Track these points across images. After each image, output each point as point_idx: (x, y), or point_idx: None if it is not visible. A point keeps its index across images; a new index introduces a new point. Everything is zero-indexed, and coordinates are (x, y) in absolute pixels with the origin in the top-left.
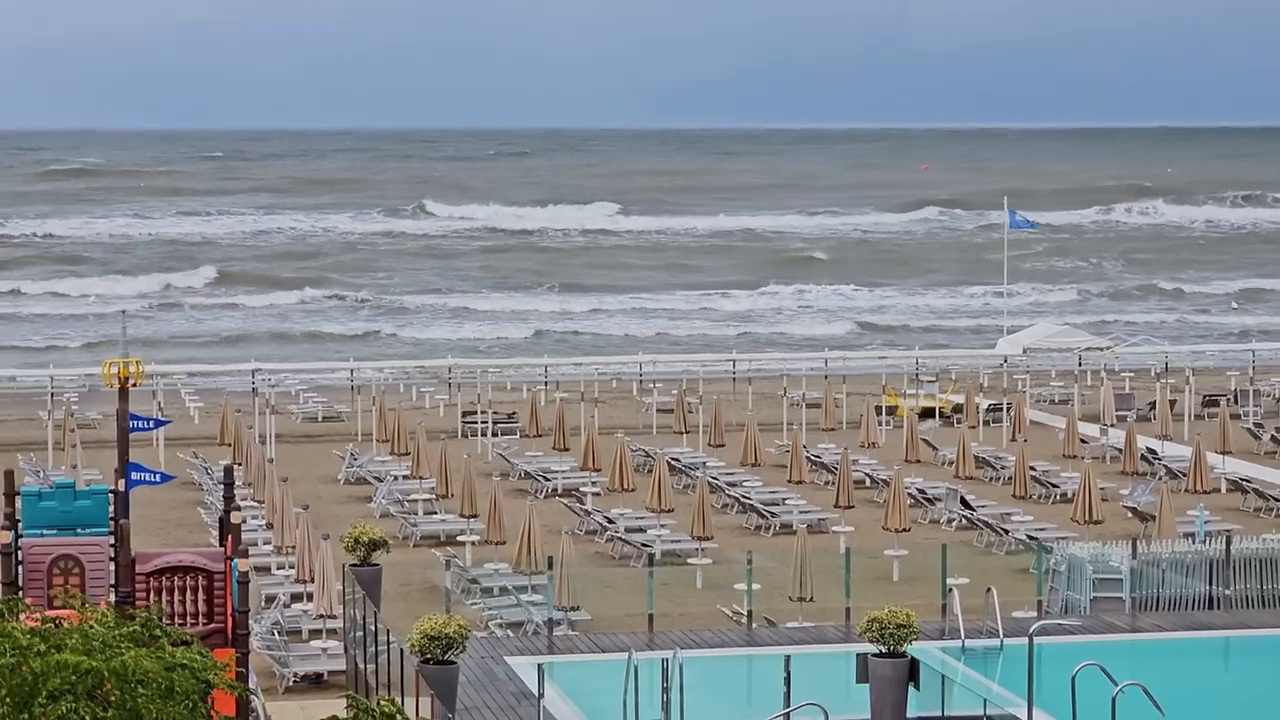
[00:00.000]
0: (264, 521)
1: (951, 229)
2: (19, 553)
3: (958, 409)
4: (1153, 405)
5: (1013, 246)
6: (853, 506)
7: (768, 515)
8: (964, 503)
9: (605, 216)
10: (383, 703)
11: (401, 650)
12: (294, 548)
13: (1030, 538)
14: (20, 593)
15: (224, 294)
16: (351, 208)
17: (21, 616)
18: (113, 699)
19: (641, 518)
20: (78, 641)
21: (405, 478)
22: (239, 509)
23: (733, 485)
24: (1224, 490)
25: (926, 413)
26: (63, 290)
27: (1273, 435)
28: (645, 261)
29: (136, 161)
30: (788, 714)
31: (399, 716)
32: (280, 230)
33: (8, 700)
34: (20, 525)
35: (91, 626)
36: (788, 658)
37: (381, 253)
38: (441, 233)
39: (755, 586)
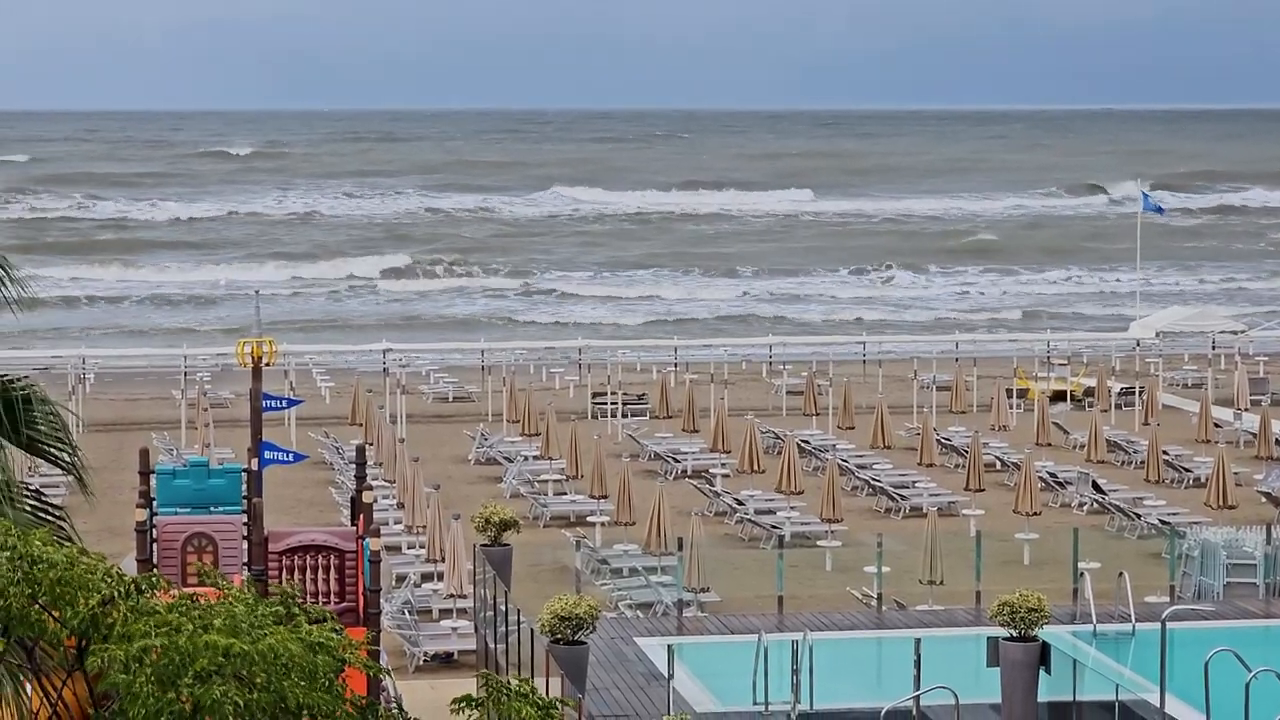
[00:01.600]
0: (395, 501)
1: (1111, 212)
2: (153, 530)
3: (1089, 392)
4: None
5: (1150, 229)
6: (983, 490)
7: (898, 498)
8: (1096, 487)
9: (792, 201)
10: (517, 682)
11: (532, 630)
12: (425, 527)
13: (1163, 522)
14: (154, 570)
15: (406, 278)
16: (506, 190)
17: (158, 593)
18: (258, 681)
19: (771, 500)
20: (224, 622)
21: (535, 458)
22: (371, 488)
23: (862, 468)
24: None
25: (1058, 396)
26: (262, 276)
27: None
28: (836, 245)
29: (285, 142)
30: (918, 697)
31: (533, 695)
32: (447, 211)
33: (153, 679)
34: (155, 503)
35: (235, 607)
36: (918, 641)
37: (549, 235)
38: (616, 214)
39: (885, 569)
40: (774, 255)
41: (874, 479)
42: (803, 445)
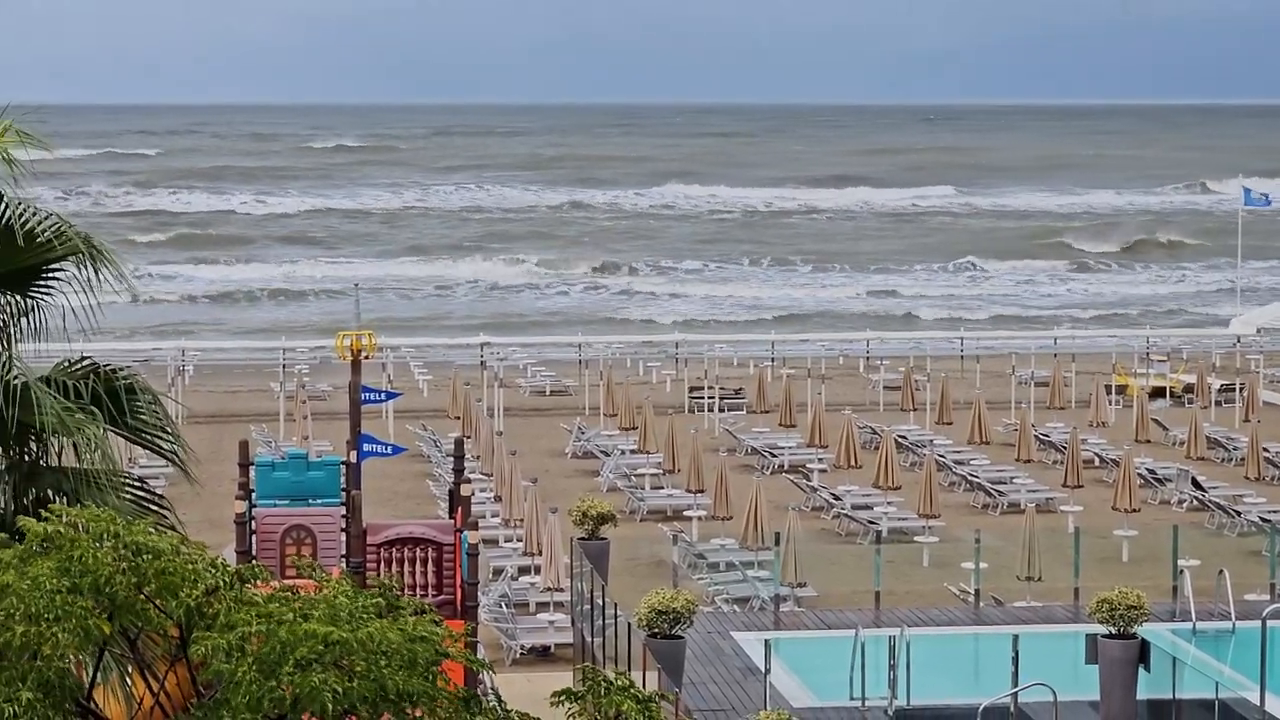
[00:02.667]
0: (493, 494)
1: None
2: (252, 522)
3: (1189, 389)
4: None
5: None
6: (1081, 486)
7: (995, 494)
8: (1195, 484)
9: (940, 197)
10: (616, 675)
11: (629, 624)
12: (522, 521)
13: (1263, 520)
14: (254, 561)
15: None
16: (619, 184)
17: (258, 584)
18: (358, 669)
19: (868, 495)
20: (324, 611)
21: (633, 452)
22: (469, 481)
23: (960, 463)
24: None
25: (1157, 392)
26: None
27: None
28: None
29: (395, 136)
30: (1015, 694)
31: (633, 689)
32: (560, 205)
33: (254, 667)
34: (254, 495)
35: (337, 597)
36: (1016, 637)
37: (664, 230)
38: (737, 209)
39: (983, 565)
40: (912, 251)
41: (971, 475)
42: (900, 440)
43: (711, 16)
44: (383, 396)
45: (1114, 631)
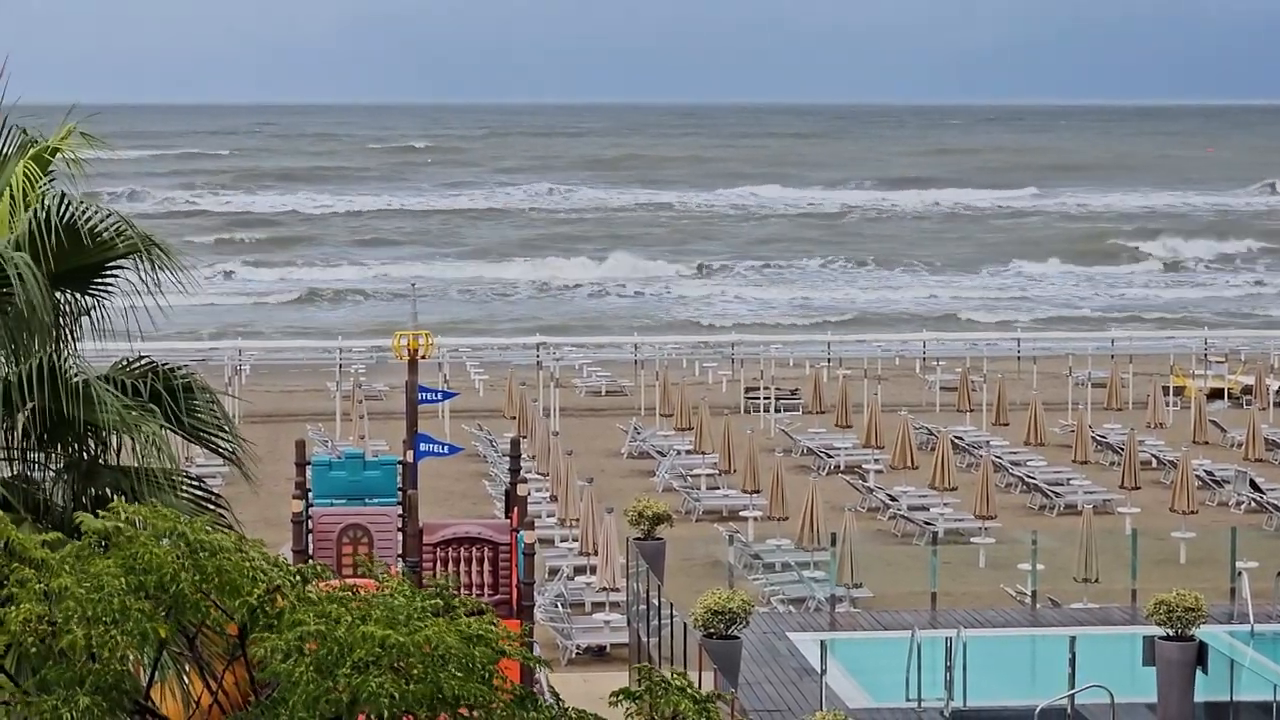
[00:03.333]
0: (548, 494)
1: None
2: (309, 521)
3: (1247, 390)
4: None
5: None
6: (1139, 488)
7: (1052, 495)
8: (1254, 485)
9: (1022, 199)
10: (673, 675)
11: (685, 624)
12: (578, 520)
13: None
14: (310, 561)
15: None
16: (688, 184)
17: (317, 584)
18: (415, 672)
19: (924, 496)
20: (382, 614)
21: (688, 453)
22: (525, 481)
23: (1016, 464)
24: None
25: (1215, 394)
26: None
27: None
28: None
29: (460, 136)
30: (1072, 695)
31: (690, 689)
32: (628, 206)
33: (312, 668)
34: (311, 495)
35: (394, 599)
36: (1073, 639)
37: (736, 230)
38: (805, 209)
39: (1039, 566)
40: (984, 252)
41: (1028, 476)
42: (956, 441)
43: (754, 17)
44: (439, 396)
45: (1171, 633)
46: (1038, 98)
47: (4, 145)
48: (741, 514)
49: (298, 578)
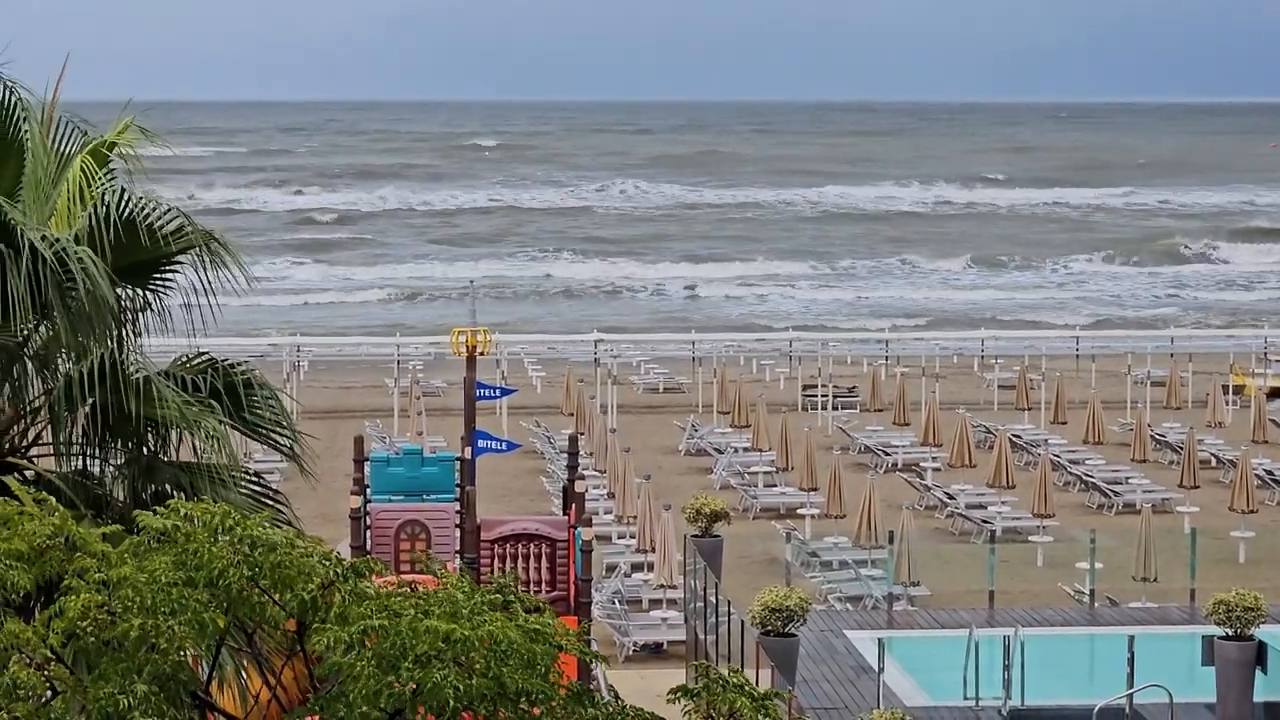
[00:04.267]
0: (606, 491)
1: None
2: (367, 517)
3: None
4: None
5: None
6: (1198, 487)
7: (1110, 494)
8: None
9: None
10: (731, 673)
11: (742, 622)
12: (635, 518)
13: None
14: (367, 556)
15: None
16: (771, 184)
17: (375, 579)
18: (477, 667)
19: (982, 494)
20: (445, 608)
21: (746, 450)
22: (583, 478)
23: (1075, 463)
24: None
25: (1275, 393)
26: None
27: None
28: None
29: (527, 134)
30: (1131, 695)
31: (748, 687)
32: (713, 205)
33: (373, 662)
34: (369, 490)
35: (455, 594)
36: (1131, 638)
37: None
38: (887, 207)
39: (1098, 565)
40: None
41: (1086, 474)
42: (1015, 440)
43: (798, 13)
44: (497, 393)
45: (1231, 633)
46: (1090, 95)
47: (64, 141)
48: (799, 511)
49: (351, 573)
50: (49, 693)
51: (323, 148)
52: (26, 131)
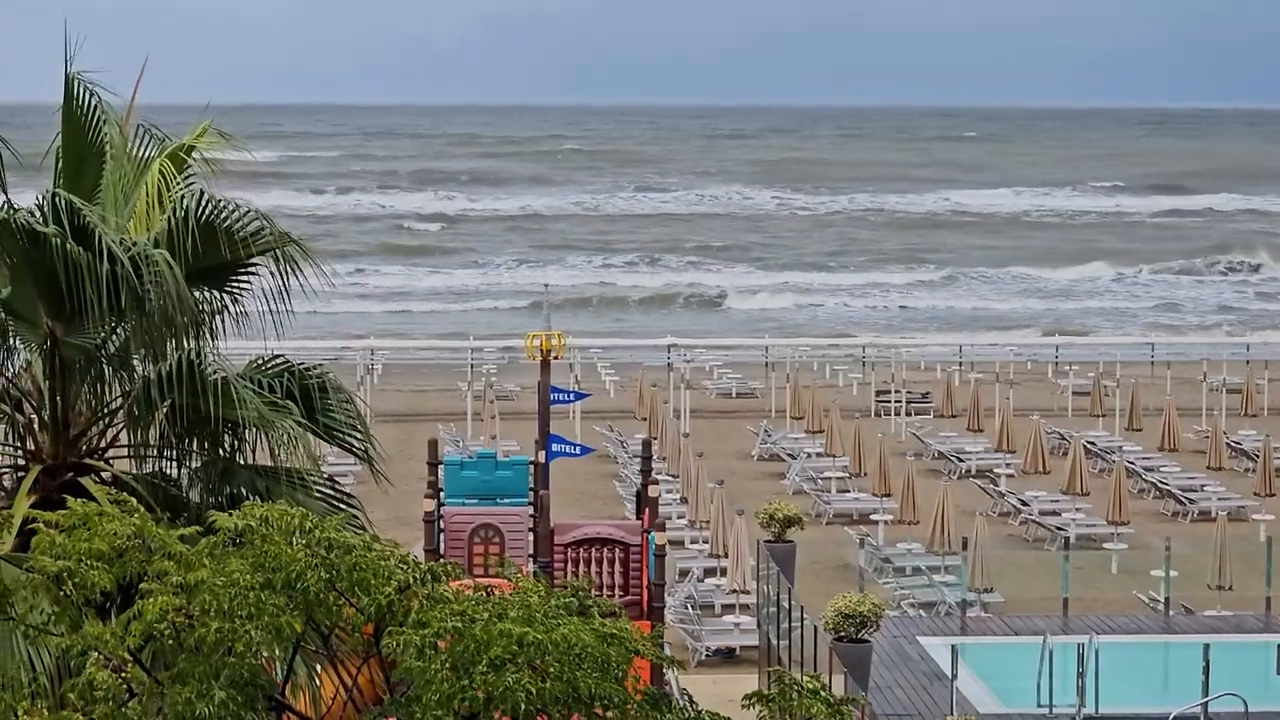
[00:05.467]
0: (679, 496)
1: None
2: (440, 520)
3: None
4: None
5: None
6: (1274, 494)
7: (1185, 501)
8: None
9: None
10: (807, 679)
11: (815, 627)
12: (708, 522)
13: None
14: (441, 560)
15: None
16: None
17: (449, 583)
18: (551, 671)
19: (1056, 500)
20: (519, 612)
21: (819, 455)
22: (656, 483)
23: (1150, 470)
24: None
25: None
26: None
27: None
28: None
29: (608, 138)
30: (1205, 703)
31: (823, 693)
32: (804, 210)
33: (447, 665)
34: (443, 494)
35: (530, 597)
36: (1206, 646)
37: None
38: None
39: (1173, 573)
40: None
41: (1161, 481)
42: (1089, 446)
43: (863, 14)
44: (571, 397)
45: None
46: (1166, 101)
47: (142, 145)
48: (872, 517)
49: (428, 576)
50: (126, 694)
51: (410, 151)
52: (107, 135)
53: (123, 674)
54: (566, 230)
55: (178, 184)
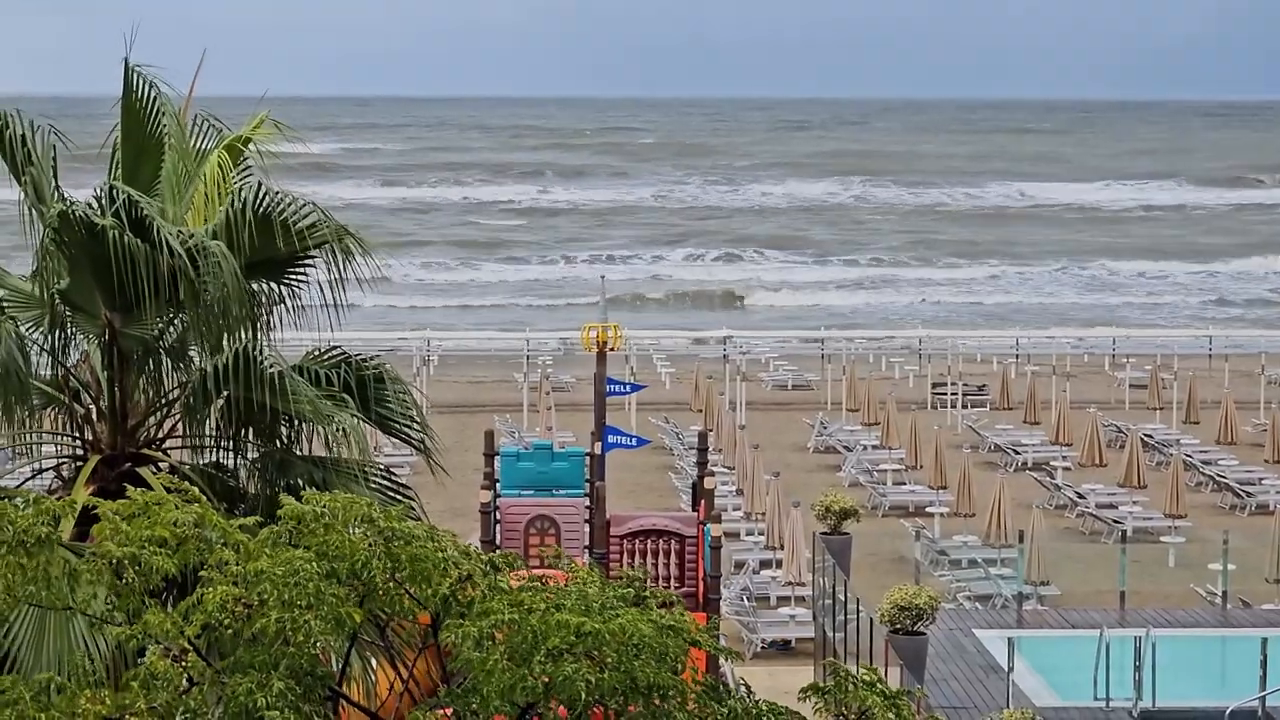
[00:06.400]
0: (734, 488)
1: None
2: (497, 512)
3: None
4: None
5: None
6: None
7: (1243, 495)
8: None
9: None
10: (864, 671)
11: (871, 619)
12: (764, 514)
13: None
14: (498, 550)
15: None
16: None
17: (508, 573)
18: (609, 661)
19: (1113, 494)
20: (576, 602)
21: (875, 447)
22: (712, 474)
23: (1208, 463)
24: None
25: None
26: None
27: None
28: None
29: (678, 130)
30: (1264, 697)
31: (880, 685)
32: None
33: (505, 655)
34: (499, 485)
35: (587, 588)
36: (1264, 640)
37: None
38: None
39: (1230, 567)
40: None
41: (1219, 475)
42: (1146, 439)
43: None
44: (627, 389)
45: None
46: (1215, 93)
47: (200, 137)
48: (928, 510)
49: (489, 567)
50: (186, 683)
51: (478, 143)
52: (166, 128)
53: (182, 664)
54: (641, 221)
55: (234, 176)
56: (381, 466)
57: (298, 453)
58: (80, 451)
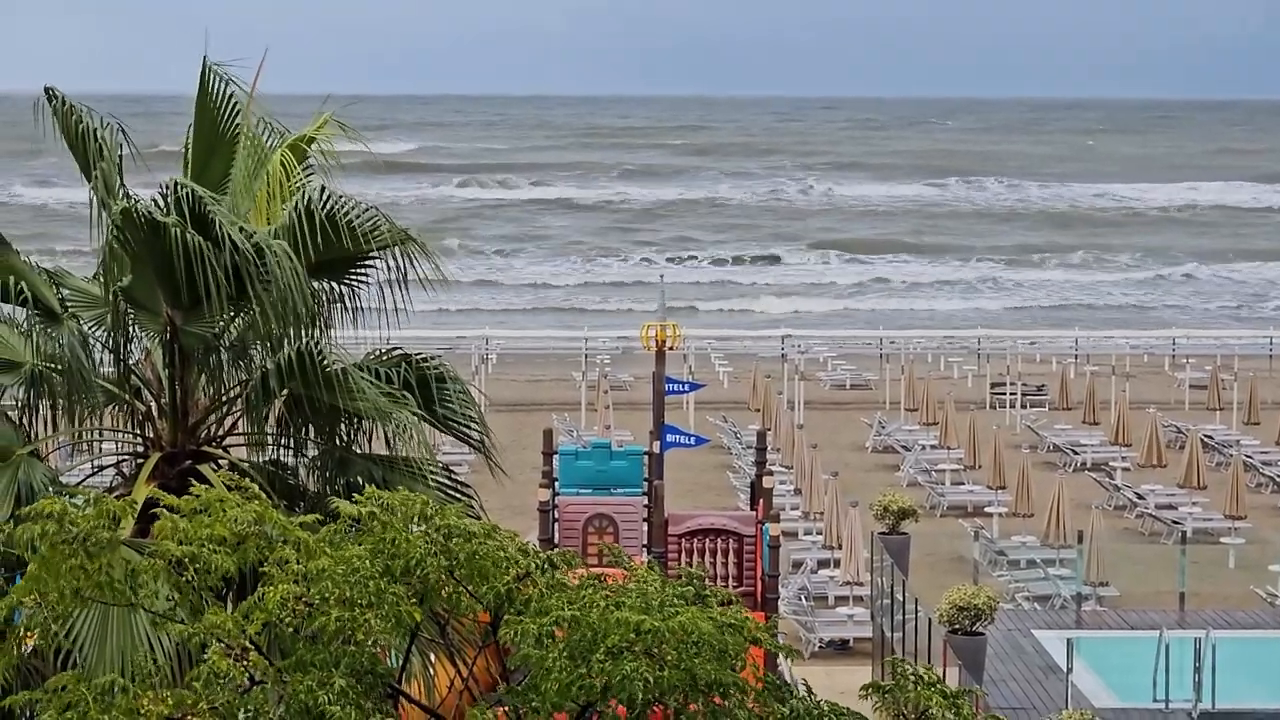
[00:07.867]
0: (792, 487)
1: None
2: (555, 510)
3: None
4: None
5: None
6: None
7: None
8: None
9: None
10: (924, 670)
11: (929, 619)
12: (822, 514)
13: None
14: (555, 549)
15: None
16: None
17: (566, 571)
18: (669, 659)
19: (1172, 494)
20: (636, 600)
21: (933, 447)
22: (770, 474)
23: (1268, 464)
24: None
25: None
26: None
27: None
28: None
29: (721, 128)
30: None
31: (939, 685)
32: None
33: (565, 653)
34: (557, 483)
35: (647, 586)
36: None
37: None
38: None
39: None
40: None
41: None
42: (1206, 440)
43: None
44: (686, 387)
45: None
46: (1239, 93)
47: (264, 135)
48: (986, 510)
49: (547, 565)
50: (247, 681)
51: (546, 142)
52: (239, 126)
53: (244, 663)
54: (706, 221)
55: (298, 175)
56: (440, 465)
57: (357, 451)
58: (141, 449)
